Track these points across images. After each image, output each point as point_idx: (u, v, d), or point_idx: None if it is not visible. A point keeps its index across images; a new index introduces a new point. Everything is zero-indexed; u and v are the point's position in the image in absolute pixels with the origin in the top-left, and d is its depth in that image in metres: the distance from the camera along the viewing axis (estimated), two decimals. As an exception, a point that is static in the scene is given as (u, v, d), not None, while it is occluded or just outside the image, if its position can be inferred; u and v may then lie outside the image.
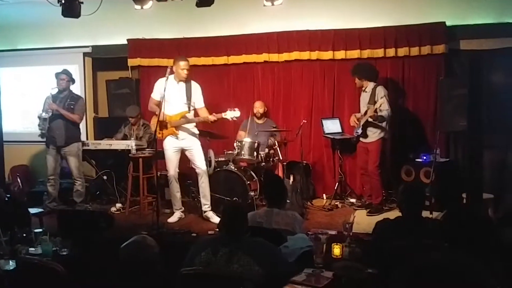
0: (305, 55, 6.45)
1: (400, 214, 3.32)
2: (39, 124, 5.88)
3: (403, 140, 6.15)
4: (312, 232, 3.63)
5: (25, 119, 7.44)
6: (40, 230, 3.64)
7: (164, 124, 5.29)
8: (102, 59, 7.43)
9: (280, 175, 5.97)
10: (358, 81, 5.81)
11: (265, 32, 6.61)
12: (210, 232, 4.81)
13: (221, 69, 6.95)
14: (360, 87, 5.84)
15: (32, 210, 4.92)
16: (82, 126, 7.06)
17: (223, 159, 6.07)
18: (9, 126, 7.00)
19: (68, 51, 7.40)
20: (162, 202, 5.82)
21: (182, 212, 5.63)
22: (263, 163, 5.98)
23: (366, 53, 6.20)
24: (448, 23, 5.92)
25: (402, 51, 6.09)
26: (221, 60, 6.82)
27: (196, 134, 5.51)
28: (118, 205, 6.17)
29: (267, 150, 6.08)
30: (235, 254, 2.65)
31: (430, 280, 1.29)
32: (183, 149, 5.45)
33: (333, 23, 6.37)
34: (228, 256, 2.66)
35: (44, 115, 5.84)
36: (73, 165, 5.97)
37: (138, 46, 7.11)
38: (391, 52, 6.12)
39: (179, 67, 5.28)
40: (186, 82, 5.39)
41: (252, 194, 5.55)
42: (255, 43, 6.66)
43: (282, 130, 6.36)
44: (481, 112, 4.60)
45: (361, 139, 5.79)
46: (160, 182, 5.78)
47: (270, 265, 2.68)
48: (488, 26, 5.76)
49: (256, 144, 5.78)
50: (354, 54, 6.24)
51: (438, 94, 5.98)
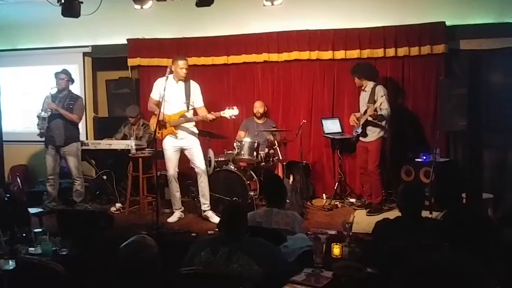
0: (304, 55, 6.45)
1: (399, 214, 3.32)
2: (38, 124, 5.88)
3: (403, 140, 6.15)
4: (311, 232, 3.64)
5: (25, 119, 7.43)
6: (40, 230, 3.65)
7: (163, 124, 5.29)
8: (102, 59, 7.43)
9: (280, 175, 5.97)
10: (357, 80, 5.82)
11: (264, 32, 6.60)
12: (209, 232, 4.81)
13: (221, 69, 6.94)
14: (360, 87, 5.85)
15: (32, 210, 4.92)
16: (82, 126, 7.07)
17: (223, 159, 6.07)
18: (9, 126, 6.99)
19: (68, 51, 7.40)
20: (161, 202, 5.83)
21: (181, 212, 5.63)
22: (263, 163, 5.98)
23: (366, 53, 6.20)
24: (448, 23, 5.92)
25: (402, 51, 6.09)
26: (220, 60, 6.82)
27: (195, 134, 5.51)
28: (118, 205, 6.17)
29: (266, 150, 6.08)
30: (234, 254, 2.65)
31: (430, 280, 1.29)
32: (182, 148, 5.45)
33: (332, 23, 6.37)
34: (227, 256, 2.66)
35: (43, 114, 5.84)
36: (72, 165, 5.97)
37: (138, 46, 7.11)
38: (391, 52, 6.12)
39: (178, 66, 5.28)
40: (185, 81, 5.39)
41: (251, 194, 5.55)
42: (254, 43, 6.66)
43: (282, 130, 6.36)
44: (480, 112, 4.59)
45: (360, 138, 5.79)
46: (160, 182, 5.78)
47: (270, 265, 2.68)
48: (488, 26, 5.77)
49: (256, 144, 5.78)
50: (354, 54, 6.23)
51: (438, 94, 5.98)
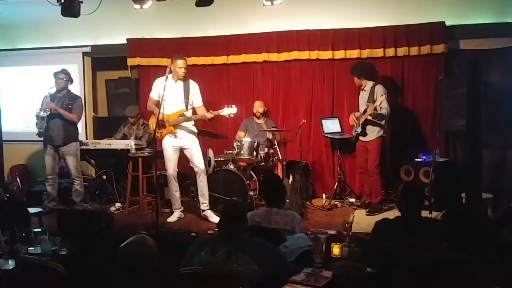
0: (304, 54, 6.45)
1: (399, 214, 3.32)
2: (37, 123, 5.88)
3: (403, 140, 6.14)
4: (311, 232, 3.64)
5: (24, 118, 7.42)
6: (40, 229, 3.66)
7: (162, 123, 5.29)
8: (101, 59, 7.43)
9: (280, 174, 5.97)
10: (357, 80, 5.82)
11: (264, 32, 6.60)
12: (209, 231, 4.80)
13: (220, 68, 6.94)
14: (359, 86, 5.85)
15: (32, 210, 4.91)
16: (82, 125, 7.07)
17: (223, 159, 6.07)
18: (8, 126, 6.99)
19: (68, 51, 7.39)
20: (161, 202, 5.84)
21: (181, 211, 5.63)
22: (263, 163, 5.98)
23: (366, 52, 6.20)
24: (447, 23, 5.92)
25: (402, 51, 6.09)
26: (220, 59, 6.82)
27: (194, 133, 5.51)
28: (118, 204, 6.16)
29: (266, 150, 6.08)
30: (234, 254, 2.65)
31: (429, 280, 1.29)
32: (181, 148, 5.45)
33: (332, 22, 6.37)
34: (227, 255, 2.66)
35: (42, 114, 5.83)
36: (71, 164, 5.97)
37: (138, 46, 7.11)
38: (390, 52, 6.12)
39: (177, 65, 5.28)
40: (184, 81, 5.39)
41: (251, 193, 5.56)
42: (254, 42, 6.66)
43: (281, 129, 6.36)
44: (480, 112, 4.59)
45: (360, 138, 5.79)
46: (160, 181, 5.78)
47: (269, 264, 2.68)
48: (488, 26, 5.77)
49: (255, 144, 5.78)
50: (354, 53, 6.24)
51: (437, 94, 5.99)
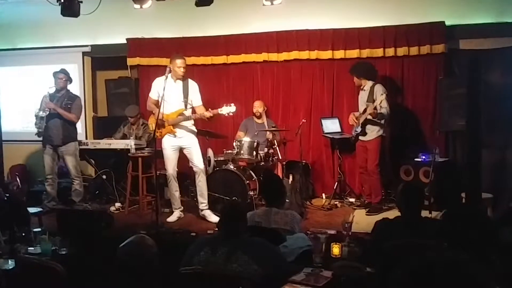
0: (304, 54, 6.45)
1: (399, 214, 3.32)
2: (36, 123, 5.87)
3: (402, 140, 6.14)
4: (311, 232, 3.64)
5: (24, 118, 7.42)
6: (39, 229, 3.66)
7: (161, 123, 5.29)
8: (101, 59, 7.43)
9: (279, 174, 5.97)
10: (356, 80, 5.83)
11: (264, 32, 6.60)
12: (209, 231, 4.80)
13: (220, 68, 6.94)
14: (359, 86, 5.86)
15: (31, 210, 4.90)
16: (82, 125, 7.07)
17: (223, 159, 6.07)
18: (8, 126, 6.99)
19: (67, 51, 7.38)
20: (161, 202, 5.84)
21: (181, 211, 5.63)
22: (263, 163, 5.98)
23: (366, 52, 6.19)
24: (447, 23, 5.91)
25: (402, 51, 6.09)
26: (220, 59, 6.81)
27: (194, 132, 5.51)
28: (118, 204, 6.16)
29: (266, 150, 6.08)
30: (234, 254, 2.65)
31: (428, 280, 1.29)
32: (181, 147, 5.45)
33: (332, 22, 6.37)
34: (227, 255, 2.66)
35: (42, 113, 5.83)
36: (70, 164, 5.96)
37: (138, 46, 7.10)
38: (390, 51, 6.12)
39: (176, 65, 5.28)
40: (183, 80, 5.39)
41: (251, 193, 5.55)
42: (254, 42, 6.66)
43: (281, 129, 6.36)
44: (480, 112, 4.59)
45: (360, 137, 5.79)
46: (160, 181, 5.77)
47: (269, 264, 2.68)
48: (488, 26, 5.76)
49: (255, 144, 5.78)
50: (354, 53, 6.23)
51: (437, 94, 5.99)
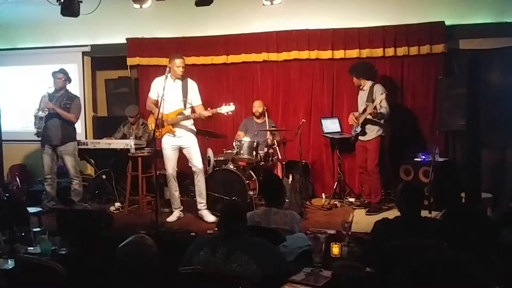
0: (304, 54, 6.45)
1: (399, 214, 3.32)
2: (35, 123, 5.86)
3: (402, 139, 6.14)
4: (311, 232, 3.64)
5: (23, 118, 7.42)
6: (39, 229, 3.66)
7: (161, 123, 5.29)
8: (101, 58, 7.43)
9: (279, 174, 5.97)
10: (356, 80, 5.83)
11: (264, 32, 6.60)
12: (209, 231, 4.80)
13: (220, 68, 6.94)
14: (358, 86, 5.86)
15: (31, 209, 4.90)
16: (81, 125, 7.07)
17: (222, 158, 6.06)
18: (7, 125, 6.98)
19: (67, 50, 7.38)
20: (161, 201, 5.84)
21: (181, 211, 5.63)
22: (262, 163, 5.98)
23: (365, 52, 6.19)
24: (447, 23, 5.91)
25: (401, 51, 6.09)
26: (220, 59, 6.81)
27: (194, 132, 5.51)
28: (117, 204, 6.16)
29: (266, 150, 6.08)
30: (233, 254, 2.65)
31: (428, 280, 1.29)
32: (180, 147, 5.45)
33: (332, 22, 6.37)
34: (226, 255, 2.66)
35: (41, 114, 5.81)
36: (69, 164, 5.96)
37: (137, 45, 7.10)
38: (390, 51, 6.12)
39: (175, 65, 5.28)
40: (182, 80, 5.39)
41: (251, 193, 5.55)
42: (254, 42, 6.66)
43: (281, 129, 6.36)
44: (479, 112, 4.59)
45: (359, 137, 5.79)
46: (159, 181, 5.77)
47: (269, 264, 2.68)
48: (487, 26, 5.76)
49: (255, 144, 5.77)
50: (353, 53, 6.23)
51: (437, 94, 5.99)
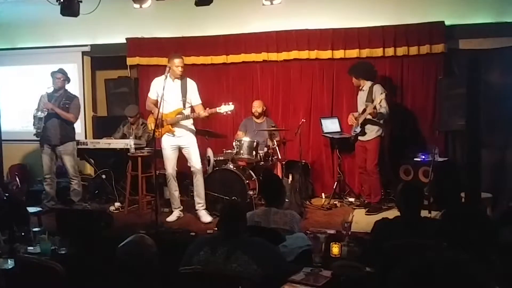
0: (304, 54, 6.45)
1: (398, 214, 3.32)
2: (34, 123, 5.86)
3: (402, 139, 6.14)
4: (310, 231, 3.64)
5: (23, 118, 7.40)
6: (39, 229, 3.66)
7: (160, 122, 5.29)
8: (101, 58, 7.42)
9: (279, 174, 5.97)
10: (355, 80, 5.83)
11: (264, 31, 6.60)
12: (208, 231, 4.81)
13: (220, 68, 6.94)
14: (358, 86, 5.86)
15: (31, 209, 4.90)
16: (81, 125, 7.07)
17: (222, 158, 6.06)
18: (7, 125, 6.98)
19: (67, 50, 7.38)
20: (160, 201, 5.83)
21: (180, 211, 5.63)
22: (262, 162, 5.97)
23: (365, 52, 6.19)
24: (447, 23, 5.91)
25: (401, 51, 6.09)
26: (220, 59, 6.81)
27: (193, 131, 5.51)
28: (117, 204, 6.16)
29: (266, 149, 6.08)
30: (233, 253, 2.65)
31: (428, 280, 1.29)
32: (180, 147, 5.45)
33: (332, 22, 6.37)
34: (226, 255, 2.66)
35: (40, 114, 5.80)
36: (68, 164, 5.95)
37: (137, 45, 7.10)
38: (390, 51, 6.12)
39: (174, 64, 5.27)
40: (182, 79, 5.39)
41: (251, 193, 5.55)
42: (254, 42, 6.66)
43: (281, 129, 6.36)
44: (479, 112, 4.59)
45: (359, 137, 5.79)
46: (159, 181, 5.78)
47: (269, 264, 2.68)
48: (487, 26, 5.77)
49: (255, 143, 5.77)
50: (353, 53, 6.23)
51: (437, 94, 5.99)
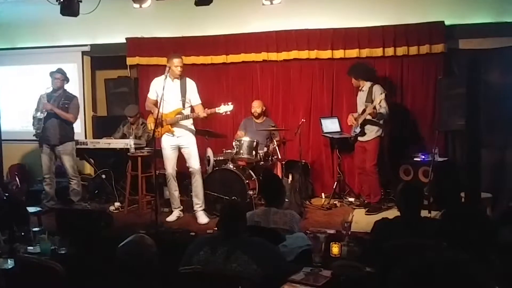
0: (304, 54, 6.44)
1: (398, 213, 3.32)
2: (33, 124, 5.85)
3: (402, 139, 6.14)
4: (310, 231, 3.63)
5: (23, 118, 7.38)
6: (39, 229, 3.66)
7: (159, 122, 5.29)
8: (100, 58, 7.42)
9: (279, 174, 5.97)
10: (354, 81, 5.84)
11: (264, 31, 6.59)
12: (208, 231, 4.80)
13: (219, 68, 6.93)
14: (357, 87, 5.86)
15: (31, 209, 4.90)
16: (81, 125, 7.07)
17: (222, 158, 6.06)
18: (7, 125, 6.97)
19: (67, 50, 7.38)
20: (160, 201, 5.83)
21: (180, 211, 5.63)
22: (262, 162, 5.97)
23: (365, 52, 6.19)
24: (447, 23, 5.91)
25: (401, 50, 6.08)
26: (219, 59, 6.81)
27: (193, 131, 5.50)
28: (117, 204, 6.16)
29: (265, 149, 6.07)
30: (233, 253, 2.65)
31: (428, 280, 1.29)
32: (179, 147, 5.45)
33: (332, 22, 6.36)
34: (226, 255, 2.66)
35: (39, 115, 5.79)
36: (67, 164, 5.94)
37: (137, 45, 7.09)
38: (390, 51, 6.12)
39: (173, 64, 5.27)
40: (181, 79, 5.39)
41: (251, 193, 5.55)
42: (254, 42, 6.65)
43: (281, 129, 6.36)
44: (479, 111, 4.59)
45: (359, 138, 5.79)
46: (159, 181, 5.77)
47: (269, 264, 2.68)
48: (487, 26, 5.76)
49: (255, 143, 5.77)
50: (353, 53, 6.23)
51: (436, 93, 5.98)
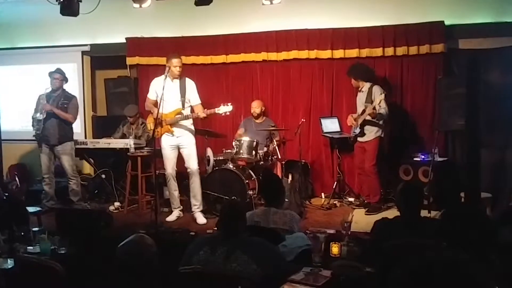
0: (303, 54, 6.44)
1: (398, 213, 3.32)
2: (33, 125, 5.85)
3: (401, 139, 6.14)
4: (310, 231, 3.63)
5: (23, 117, 7.37)
6: (38, 228, 3.65)
7: (159, 122, 5.29)
8: (100, 58, 7.42)
9: (279, 174, 5.97)
10: (354, 81, 5.84)
11: (263, 31, 6.59)
12: (208, 231, 4.80)
13: (219, 68, 6.93)
14: (357, 88, 5.86)
15: (30, 209, 4.90)
16: (81, 124, 7.07)
17: (222, 158, 6.06)
18: (7, 125, 6.97)
19: (67, 50, 7.38)
20: (160, 201, 5.82)
21: (180, 210, 5.63)
22: (262, 162, 5.97)
23: (365, 52, 6.19)
24: (446, 22, 5.91)
25: (401, 50, 6.08)
26: (219, 59, 6.81)
27: (192, 131, 5.50)
28: (117, 203, 6.15)
29: (265, 149, 6.07)
30: (233, 253, 2.65)
31: (428, 279, 1.29)
32: (179, 146, 5.45)
33: (331, 22, 6.37)
34: (226, 255, 2.66)
35: (39, 116, 5.78)
36: (66, 164, 5.94)
37: (137, 45, 7.09)
38: (389, 51, 6.12)
39: (172, 64, 5.27)
40: (180, 79, 5.39)
41: (250, 193, 5.55)
42: (253, 42, 6.65)
43: (280, 129, 6.35)
44: (479, 111, 4.60)
45: (358, 138, 5.79)
46: (159, 180, 5.77)
47: (268, 264, 2.68)
48: (487, 26, 5.76)
49: (254, 143, 5.77)
50: (353, 53, 6.23)
51: (436, 93, 5.98)
